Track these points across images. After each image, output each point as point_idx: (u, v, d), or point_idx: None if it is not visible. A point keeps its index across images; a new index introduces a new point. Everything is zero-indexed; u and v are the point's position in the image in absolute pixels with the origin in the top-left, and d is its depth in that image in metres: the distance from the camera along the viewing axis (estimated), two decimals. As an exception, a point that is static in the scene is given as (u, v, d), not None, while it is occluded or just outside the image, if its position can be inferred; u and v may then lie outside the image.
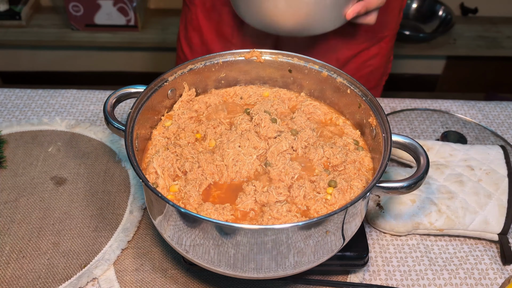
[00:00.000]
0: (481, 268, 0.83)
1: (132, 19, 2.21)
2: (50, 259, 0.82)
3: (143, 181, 0.64)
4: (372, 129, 0.76)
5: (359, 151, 0.77)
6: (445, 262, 0.84)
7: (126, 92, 0.78)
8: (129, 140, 0.70)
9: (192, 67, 0.82)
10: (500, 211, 0.85)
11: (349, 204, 0.62)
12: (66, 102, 1.13)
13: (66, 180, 0.94)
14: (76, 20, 2.21)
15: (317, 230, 0.63)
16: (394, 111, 1.12)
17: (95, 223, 0.87)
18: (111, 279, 0.80)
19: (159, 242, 0.85)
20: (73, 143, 1.02)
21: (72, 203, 0.90)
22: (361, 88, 0.79)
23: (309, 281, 0.80)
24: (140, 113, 0.74)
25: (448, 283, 0.81)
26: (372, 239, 0.87)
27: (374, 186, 0.64)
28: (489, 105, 1.16)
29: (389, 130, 0.71)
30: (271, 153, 0.74)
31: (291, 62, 0.85)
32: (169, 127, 0.80)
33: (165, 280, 0.80)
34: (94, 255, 0.82)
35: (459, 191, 0.88)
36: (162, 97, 0.80)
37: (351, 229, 0.70)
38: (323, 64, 0.83)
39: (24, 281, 0.79)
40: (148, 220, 0.88)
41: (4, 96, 1.14)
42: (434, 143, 0.98)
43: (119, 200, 0.91)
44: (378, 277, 0.82)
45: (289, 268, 0.67)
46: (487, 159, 0.93)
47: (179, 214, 0.63)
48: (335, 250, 0.70)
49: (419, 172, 0.67)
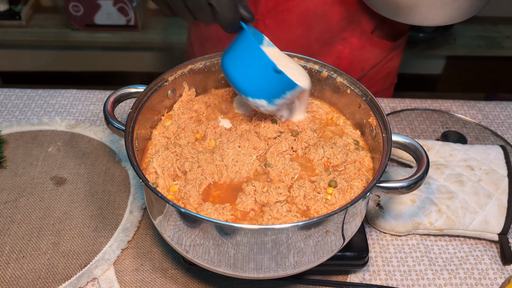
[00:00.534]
0: (481, 268, 0.83)
1: (132, 19, 2.21)
2: (50, 259, 0.82)
3: (143, 181, 0.64)
4: (372, 129, 0.76)
5: (359, 151, 0.77)
6: (445, 262, 0.84)
7: (126, 92, 0.78)
8: (129, 140, 0.70)
9: (192, 67, 0.82)
10: (500, 211, 0.85)
11: (349, 204, 0.62)
12: (66, 102, 1.13)
13: (66, 180, 0.94)
14: (76, 20, 2.20)
15: (317, 230, 0.63)
16: (394, 111, 1.12)
17: (95, 223, 0.87)
18: (111, 279, 0.80)
19: (159, 242, 0.85)
20: (73, 143, 1.02)
21: (72, 203, 0.90)
22: (361, 88, 0.79)
23: (309, 281, 0.80)
24: (140, 113, 0.74)
25: (448, 283, 0.81)
26: (372, 239, 0.87)
27: (374, 186, 0.64)
28: (489, 105, 1.16)
29: (389, 130, 0.71)
30: (271, 153, 0.74)
31: (291, 62, 0.84)
32: (169, 127, 0.80)
33: (165, 280, 0.80)
34: (94, 255, 0.82)
35: (459, 191, 0.88)
36: (162, 97, 0.80)
37: (351, 229, 0.70)
38: (323, 64, 0.83)
39: (24, 281, 0.79)
40: (148, 220, 0.88)
41: (4, 96, 1.14)
42: (434, 143, 0.98)
43: (119, 200, 0.91)
44: (378, 277, 0.82)
45: (289, 268, 0.67)
46: (487, 159, 0.93)
47: (179, 214, 0.63)
48: (335, 250, 0.70)
49: (419, 172, 0.67)
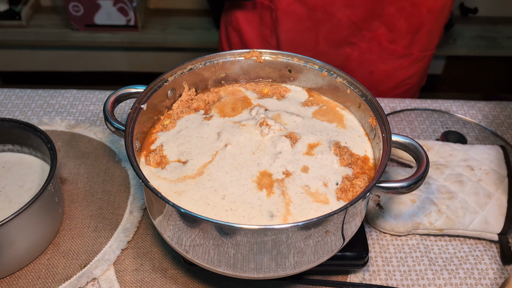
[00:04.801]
0: (481, 268, 0.83)
1: (132, 19, 2.21)
2: (50, 259, 0.82)
3: (143, 181, 0.64)
4: (372, 129, 0.76)
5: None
6: (445, 262, 0.84)
7: (126, 92, 0.78)
8: (129, 140, 0.69)
9: (192, 67, 0.82)
10: (500, 211, 0.85)
11: (349, 204, 0.62)
12: (66, 102, 1.13)
13: (66, 180, 0.94)
14: (76, 20, 2.21)
15: (317, 230, 0.63)
16: (394, 111, 1.12)
17: (95, 223, 0.87)
18: (111, 279, 0.80)
19: (159, 242, 0.85)
20: (73, 143, 1.02)
21: (72, 203, 0.90)
22: (361, 88, 0.79)
23: (309, 281, 0.80)
24: (140, 113, 0.74)
25: (448, 283, 0.81)
26: (372, 239, 0.87)
27: (374, 186, 0.64)
28: (489, 105, 1.16)
29: (389, 130, 0.71)
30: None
31: (291, 62, 0.85)
32: (168, 125, 0.80)
33: (165, 280, 0.80)
34: (94, 255, 0.82)
35: (459, 191, 0.88)
36: (162, 97, 0.80)
37: (351, 229, 0.70)
38: (323, 64, 0.83)
39: (24, 281, 0.79)
40: (148, 220, 0.89)
41: (4, 96, 1.14)
42: (434, 143, 0.98)
43: (119, 200, 0.91)
44: (378, 277, 0.82)
45: (289, 268, 0.67)
46: (487, 159, 0.93)
47: (179, 214, 0.63)
48: (335, 250, 0.70)
49: (419, 172, 0.67)
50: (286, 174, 0.71)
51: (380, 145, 0.71)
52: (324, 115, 0.82)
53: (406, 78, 1.21)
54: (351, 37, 1.08)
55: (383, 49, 1.11)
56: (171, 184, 0.70)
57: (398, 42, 1.11)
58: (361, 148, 0.77)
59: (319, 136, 0.78)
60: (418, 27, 1.09)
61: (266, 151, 0.74)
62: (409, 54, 1.15)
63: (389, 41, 1.10)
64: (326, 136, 0.78)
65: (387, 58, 1.15)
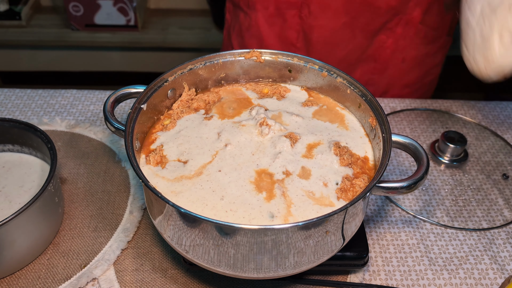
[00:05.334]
0: (481, 268, 0.83)
1: (132, 19, 2.22)
2: (50, 259, 0.82)
3: (143, 181, 0.64)
4: (372, 129, 0.76)
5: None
6: (445, 262, 0.84)
7: (126, 92, 0.78)
8: (129, 140, 0.69)
9: (192, 67, 0.82)
10: None
11: (349, 204, 0.62)
12: (66, 102, 1.13)
13: (66, 180, 0.94)
14: (76, 20, 2.21)
15: (317, 230, 0.63)
16: (394, 111, 1.12)
17: (95, 223, 0.87)
18: (111, 279, 0.80)
19: (159, 242, 0.85)
20: (73, 143, 1.02)
21: (72, 203, 0.90)
22: (360, 88, 0.79)
23: (309, 281, 0.80)
24: (140, 113, 0.74)
25: (448, 283, 0.81)
26: (372, 239, 0.87)
27: (374, 186, 0.65)
28: (489, 105, 1.16)
29: (389, 130, 0.71)
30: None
31: (291, 62, 0.85)
32: (168, 125, 0.80)
33: (165, 280, 0.80)
34: (94, 255, 0.82)
35: None
36: (162, 97, 0.80)
37: (351, 229, 0.70)
38: (323, 64, 0.83)
39: (24, 281, 0.79)
40: (148, 220, 0.88)
41: (4, 96, 1.14)
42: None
43: (119, 200, 0.91)
44: (378, 277, 0.82)
45: (289, 268, 0.67)
46: None
47: (179, 214, 0.63)
48: (335, 250, 0.70)
49: (419, 172, 0.67)
50: (286, 174, 0.71)
51: (380, 145, 0.72)
52: (324, 115, 0.82)
53: (433, 67, 1.22)
54: (388, 23, 1.08)
55: (416, 33, 1.12)
56: (169, 183, 0.70)
57: (429, 23, 1.11)
58: (361, 149, 0.77)
59: (319, 136, 0.78)
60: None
61: (266, 151, 0.74)
62: (438, 38, 1.15)
63: (422, 22, 1.10)
64: (327, 136, 0.78)
65: (419, 43, 1.15)
